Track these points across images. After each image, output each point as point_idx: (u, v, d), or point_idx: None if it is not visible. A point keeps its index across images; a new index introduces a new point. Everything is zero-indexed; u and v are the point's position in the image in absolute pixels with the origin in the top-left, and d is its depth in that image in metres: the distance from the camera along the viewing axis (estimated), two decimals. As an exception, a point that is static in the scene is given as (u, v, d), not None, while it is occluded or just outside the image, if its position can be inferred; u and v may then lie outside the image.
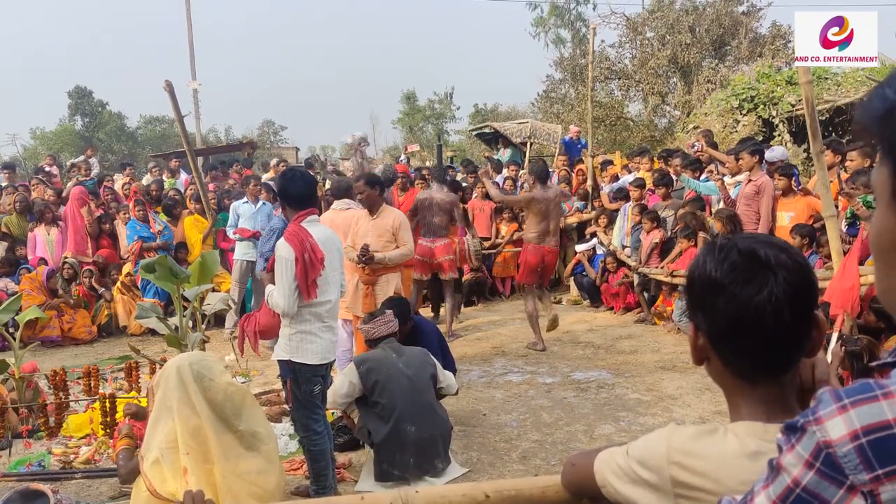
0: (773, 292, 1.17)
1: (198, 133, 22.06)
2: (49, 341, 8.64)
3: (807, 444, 0.90)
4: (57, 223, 9.93)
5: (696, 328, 1.28)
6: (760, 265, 1.19)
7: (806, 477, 0.89)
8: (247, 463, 3.56)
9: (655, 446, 1.27)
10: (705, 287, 1.23)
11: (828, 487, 0.87)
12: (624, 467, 1.32)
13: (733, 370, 1.26)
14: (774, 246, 1.22)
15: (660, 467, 1.25)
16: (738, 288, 1.19)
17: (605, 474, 1.38)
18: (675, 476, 1.23)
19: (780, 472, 0.93)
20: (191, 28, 22.56)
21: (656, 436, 1.30)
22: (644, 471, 1.27)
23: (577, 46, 26.78)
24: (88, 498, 4.40)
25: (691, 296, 1.29)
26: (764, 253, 1.20)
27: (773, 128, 12.23)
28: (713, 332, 1.25)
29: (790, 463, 0.91)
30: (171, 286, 5.48)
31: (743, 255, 1.20)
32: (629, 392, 6.11)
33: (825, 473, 0.87)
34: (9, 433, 5.08)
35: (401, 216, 6.33)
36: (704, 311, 1.25)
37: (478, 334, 8.55)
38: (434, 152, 21.80)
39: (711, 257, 1.23)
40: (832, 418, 0.88)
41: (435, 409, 4.64)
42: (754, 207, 7.38)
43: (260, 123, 41.79)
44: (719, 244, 1.25)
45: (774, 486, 0.93)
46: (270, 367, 6.94)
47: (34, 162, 24.93)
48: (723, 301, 1.20)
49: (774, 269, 1.18)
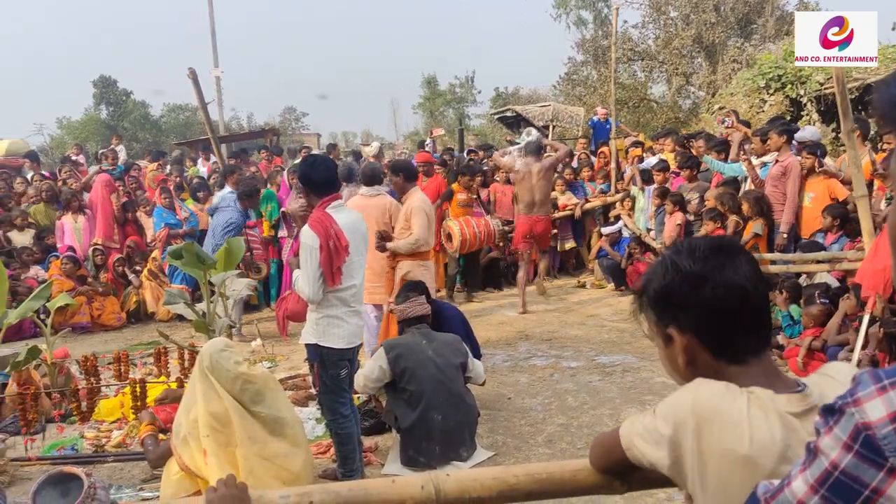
0: (744, 271, 1.30)
1: (220, 120, 22.16)
2: (79, 328, 8.78)
3: (845, 426, 0.88)
4: (83, 211, 10.06)
5: (680, 331, 1.33)
6: (726, 252, 1.32)
7: (844, 460, 0.87)
8: (272, 447, 3.62)
9: (681, 400, 1.28)
10: (685, 284, 1.31)
11: (867, 470, 0.86)
12: (649, 427, 1.33)
13: (726, 357, 1.31)
14: (723, 238, 1.39)
15: (685, 419, 1.25)
16: (718, 274, 1.29)
17: (630, 437, 1.38)
18: (698, 428, 1.23)
19: (818, 455, 0.91)
20: (213, 16, 22.63)
21: (683, 390, 1.31)
22: (667, 426, 1.27)
23: (599, 28, 26.49)
24: (121, 481, 4.48)
25: (667, 304, 1.34)
26: (722, 243, 1.34)
27: (801, 107, 12.02)
28: (700, 325, 1.31)
29: (828, 446, 0.90)
30: (198, 272, 5.54)
31: (708, 249, 1.32)
32: (655, 376, 6.08)
33: (864, 456, 0.86)
34: (42, 418, 5.18)
35: (417, 202, 6.17)
36: (688, 308, 1.31)
37: (501, 318, 8.54)
38: (455, 137, 21.76)
39: (679, 258, 1.33)
40: (871, 399, 0.86)
41: (463, 397, 4.62)
42: (781, 188, 7.29)
43: (281, 110, 41.99)
44: (677, 247, 1.37)
45: (812, 470, 0.92)
46: (296, 352, 6.99)
47: (61, 151, 25.24)
48: (709, 289, 1.29)
49: (737, 253, 1.32)
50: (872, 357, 5.21)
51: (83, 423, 5.26)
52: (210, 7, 22.61)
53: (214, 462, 3.41)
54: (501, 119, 18.52)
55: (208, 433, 3.45)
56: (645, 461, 1.34)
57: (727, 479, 1.19)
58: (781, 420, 1.19)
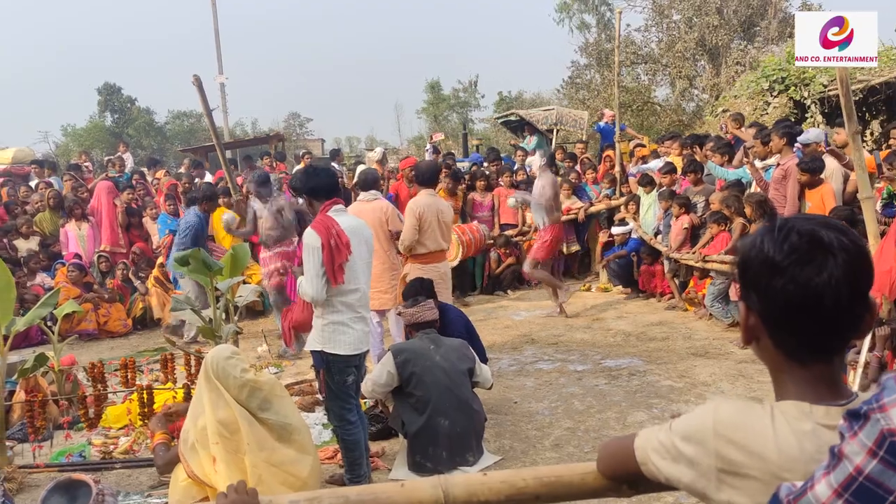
0: (833, 275, 1.15)
1: (225, 127, 22.25)
2: (86, 334, 8.81)
3: (870, 431, 0.87)
4: (87, 218, 10.10)
5: (748, 308, 1.26)
6: (820, 247, 1.17)
7: (869, 465, 0.87)
8: (280, 453, 3.63)
9: (701, 420, 1.25)
10: (762, 268, 1.21)
11: (892, 476, 0.85)
12: (666, 443, 1.30)
13: (785, 351, 1.23)
14: (834, 228, 1.20)
15: (705, 441, 1.22)
16: (798, 269, 1.17)
17: (646, 451, 1.36)
18: (720, 450, 1.20)
19: (842, 460, 0.91)
20: (216, 23, 22.73)
21: (702, 410, 1.27)
22: (687, 446, 1.25)
23: (602, 31, 26.48)
24: (129, 487, 4.49)
25: (745, 276, 1.27)
26: (825, 235, 1.18)
27: (805, 109, 12.00)
28: (767, 313, 1.23)
29: (853, 451, 0.89)
30: (204, 278, 5.55)
31: (803, 237, 1.18)
32: (661, 379, 6.07)
33: (889, 462, 0.85)
34: (50, 425, 5.19)
35: (412, 202, 6.36)
36: (759, 292, 1.23)
37: (507, 322, 8.54)
38: (459, 141, 21.76)
39: (770, 238, 1.21)
40: None
41: (470, 403, 4.61)
42: (783, 192, 7.22)
43: (286, 116, 42.08)
44: (778, 225, 1.23)
45: (836, 474, 0.91)
46: (302, 358, 7.00)
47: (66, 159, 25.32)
48: (780, 282, 1.18)
49: (834, 252, 1.16)
50: (880, 359, 5.20)
51: (91, 429, 5.27)
52: (214, 13, 22.71)
53: (224, 469, 3.41)
54: (505, 123, 18.51)
55: (217, 441, 3.46)
56: (661, 477, 1.33)
57: (752, 496, 1.17)
58: (814, 433, 1.15)
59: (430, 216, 6.21)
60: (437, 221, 6.26)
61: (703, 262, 7.79)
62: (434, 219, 6.23)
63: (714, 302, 7.64)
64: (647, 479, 1.41)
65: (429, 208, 6.23)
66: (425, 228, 6.18)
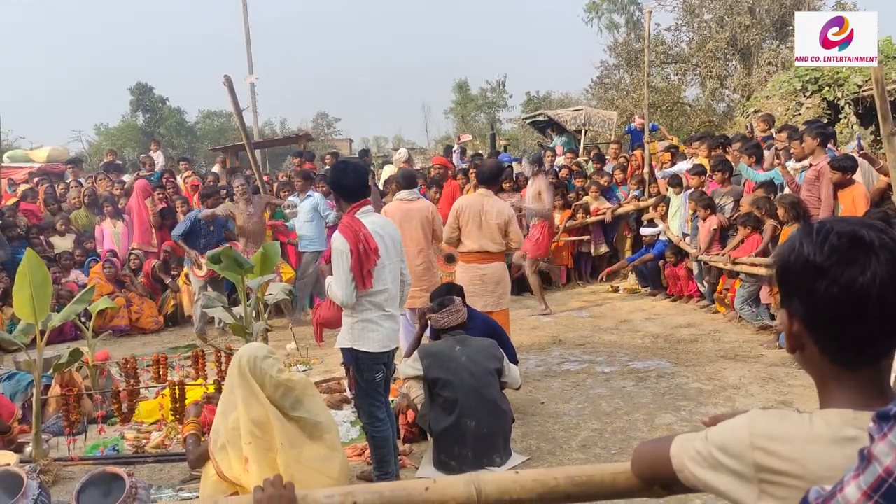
0: (877, 274, 1.12)
1: (255, 126, 22.40)
2: (118, 331, 8.96)
3: None
4: (122, 216, 10.27)
5: (791, 315, 1.24)
6: (862, 247, 1.14)
7: None
8: (310, 451, 3.65)
9: (737, 433, 1.24)
10: (803, 271, 1.19)
11: None
12: (703, 452, 1.29)
13: (831, 357, 1.20)
14: (873, 227, 1.17)
15: (742, 453, 1.21)
16: (840, 271, 1.14)
17: (682, 459, 1.35)
18: (759, 461, 1.19)
19: (871, 462, 0.90)
20: (247, 23, 22.91)
21: (737, 422, 1.26)
22: (726, 457, 1.24)
23: (632, 31, 26.34)
24: (160, 481, 4.56)
25: (784, 282, 1.24)
26: (866, 234, 1.15)
27: (839, 110, 11.83)
28: (811, 318, 1.20)
29: (882, 452, 0.89)
30: (235, 276, 5.62)
31: (843, 238, 1.16)
32: (690, 381, 6.02)
33: None
34: (84, 419, 5.28)
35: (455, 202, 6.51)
36: (801, 297, 1.20)
37: (534, 323, 8.53)
38: (487, 141, 21.75)
39: (809, 241, 1.19)
40: None
41: (498, 403, 4.61)
42: (816, 193, 7.11)
43: (314, 116, 42.40)
44: (816, 227, 1.20)
45: (865, 476, 0.91)
46: (331, 356, 7.06)
47: (99, 158, 25.73)
48: (823, 285, 1.15)
49: (876, 251, 1.13)
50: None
51: (124, 424, 5.36)
52: (245, 15, 22.91)
53: (256, 469, 3.44)
54: (533, 123, 18.48)
55: (250, 440, 3.49)
56: (699, 484, 1.32)
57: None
58: (858, 440, 1.11)
59: (470, 215, 6.13)
60: (480, 221, 6.13)
61: (732, 264, 7.71)
62: (475, 218, 6.13)
63: (743, 305, 7.56)
64: (681, 483, 1.40)
65: (470, 207, 6.16)
66: (464, 227, 6.18)
